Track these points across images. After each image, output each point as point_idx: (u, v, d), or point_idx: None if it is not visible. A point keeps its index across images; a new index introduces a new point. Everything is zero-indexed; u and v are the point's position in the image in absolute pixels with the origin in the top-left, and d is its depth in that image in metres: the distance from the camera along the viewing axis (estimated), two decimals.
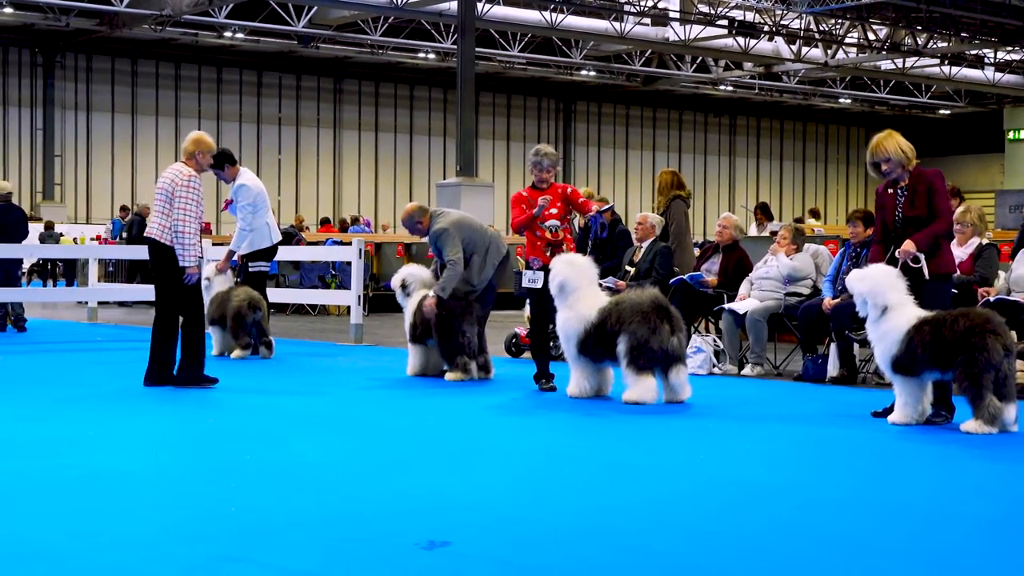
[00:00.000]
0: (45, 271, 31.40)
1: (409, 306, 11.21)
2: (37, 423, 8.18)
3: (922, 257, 8.49)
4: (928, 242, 8.50)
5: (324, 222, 32.60)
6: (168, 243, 9.92)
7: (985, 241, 10.93)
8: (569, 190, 10.38)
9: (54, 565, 4.63)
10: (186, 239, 9.88)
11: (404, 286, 11.37)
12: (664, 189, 13.49)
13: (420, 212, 11.21)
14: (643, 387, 9.19)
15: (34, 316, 18.61)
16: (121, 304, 23.08)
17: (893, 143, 8.67)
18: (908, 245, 8.48)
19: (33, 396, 9.66)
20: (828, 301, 10.89)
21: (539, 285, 10.13)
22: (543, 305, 10.19)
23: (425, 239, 11.38)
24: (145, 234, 10.24)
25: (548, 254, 10.12)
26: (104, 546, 4.92)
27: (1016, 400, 8.01)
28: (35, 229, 25.58)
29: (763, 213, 22.57)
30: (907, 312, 8.19)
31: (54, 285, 30.82)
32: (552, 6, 32.69)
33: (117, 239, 26.94)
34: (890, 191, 8.75)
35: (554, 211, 10.12)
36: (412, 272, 11.47)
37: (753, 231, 21.48)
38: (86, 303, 19.49)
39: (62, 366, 12.33)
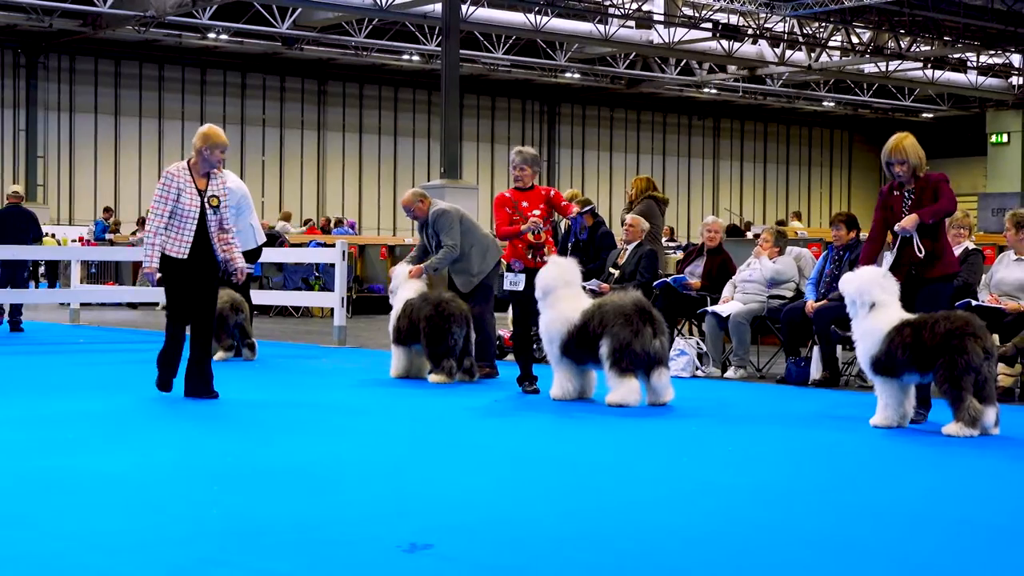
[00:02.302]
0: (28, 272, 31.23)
1: (395, 307, 11.21)
2: (19, 425, 8.14)
3: (915, 235, 8.51)
4: (931, 217, 8.49)
5: (306, 223, 32.52)
6: (167, 251, 9.33)
7: (971, 245, 10.96)
8: (552, 193, 10.39)
9: (36, 567, 4.62)
10: (147, 238, 9.32)
11: (390, 282, 11.43)
12: (636, 195, 13.62)
13: (420, 196, 11.59)
14: (626, 389, 9.20)
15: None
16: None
17: (913, 147, 8.66)
18: (909, 219, 8.49)
19: (15, 398, 9.62)
20: (811, 304, 10.92)
21: (521, 288, 10.13)
22: (525, 307, 10.19)
23: (415, 221, 11.71)
24: None
25: (529, 256, 10.12)
26: (86, 548, 4.90)
27: (996, 403, 8.04)
28: None
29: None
30: (890, 313, 8.22)
31: (36, 286, 30.68)
32: (536, 8, 32.68)
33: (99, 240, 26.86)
34: (896, 193, 8.76)
35: (536, 213, 10.12)
36: (401, 271, 11.47)
37: None
38: (68, 304, 19.42)
39: (44, 368, 12.28)
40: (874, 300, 8.27)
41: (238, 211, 12.70)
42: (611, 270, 12.72)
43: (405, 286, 11.27)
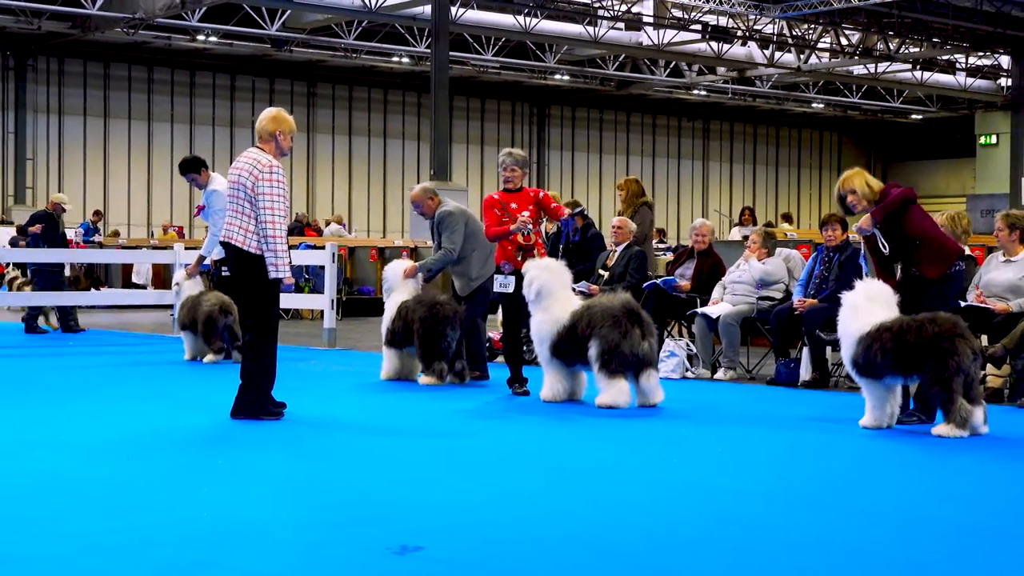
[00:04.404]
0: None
1: (388, 309, 11.18)
2: (9, 428, 8.13)
3: (878, 232, 8.63)
4: (881, 213, 8.64)
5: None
6: (255, 251, 8.32)
7: (966, 250, 10.96)
8: (541, 195, 10.39)
9: (26, 568, 4.61)
10: (277, 244, 8.26)
11: (385, 280, 11.41)
12: (630, 198, 13.65)
13: (431, 193, 11.54)
14: (616, 391, 9.21)
15: (4, 320, 18.53)
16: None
17: (861, 180, 8.91)
18: (864, 219, 8.72)
19: (4, 400, 9.60)
20: (800, 300, 10.94)
21: (511, 290, 10.13)
22: (515, 309, 10.19)
23: (424, 219, 11.73)
24: (222, 238, 8.54)
25: (519, 258, 10.12)
26: (76, 550, 4.90)
27: (984, 403, 8.08)
28: (10, 232, 25.53)
29: (751, 214, 24.33)
30: (872, 315, 8.25)
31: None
32: (526, 10, 32.70)
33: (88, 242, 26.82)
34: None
35: (526, 215, 10.11)
36: (395, 270, 11.41)
37: (736, 235, 22.43)
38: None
39: (33, 370, 12.26)
40: (851, 304, 8.36)
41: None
42: (600, 272, 12.74)
43: (400, 287, 11.24)
